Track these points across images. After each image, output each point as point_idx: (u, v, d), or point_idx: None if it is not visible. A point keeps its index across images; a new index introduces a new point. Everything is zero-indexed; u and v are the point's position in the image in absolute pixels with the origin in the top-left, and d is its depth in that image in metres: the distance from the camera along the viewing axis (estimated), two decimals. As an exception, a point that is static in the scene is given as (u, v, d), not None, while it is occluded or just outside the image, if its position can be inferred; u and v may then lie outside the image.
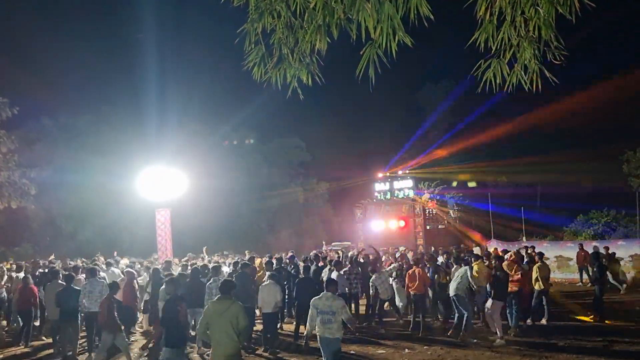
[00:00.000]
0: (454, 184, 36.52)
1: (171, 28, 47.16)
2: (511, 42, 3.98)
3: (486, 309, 10.59)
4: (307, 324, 7.36)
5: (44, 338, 11.99)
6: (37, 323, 12.38)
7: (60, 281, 10.51)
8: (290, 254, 16.56)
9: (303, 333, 10.83)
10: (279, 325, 11.80)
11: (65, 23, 42.36)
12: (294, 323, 11.29)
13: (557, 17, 3.82)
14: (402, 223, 26.88)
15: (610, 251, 16.55)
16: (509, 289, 10.82)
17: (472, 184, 35.94)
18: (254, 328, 11.52)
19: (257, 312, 11.00)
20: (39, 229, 28.39)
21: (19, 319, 11.76)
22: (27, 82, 27.63)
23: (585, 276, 17.82)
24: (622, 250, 18.04)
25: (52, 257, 16.84)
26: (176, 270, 12.78)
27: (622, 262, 17.69)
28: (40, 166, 26.61)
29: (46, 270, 13.25)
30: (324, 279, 12.26)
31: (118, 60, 39.78)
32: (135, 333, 12.24)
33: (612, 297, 14.69)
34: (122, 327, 9.15)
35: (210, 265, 12.65)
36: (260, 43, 4.36)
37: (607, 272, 14.22)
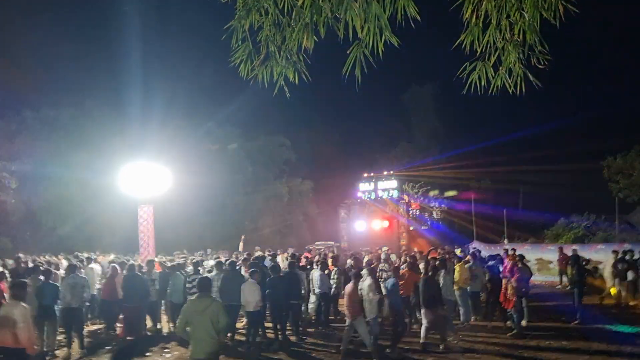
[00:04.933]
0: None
1: (157, 22, 46.66)
2: (496, 45, 4.02)
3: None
4: None
5: None
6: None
7: (40, 277, 10.36)
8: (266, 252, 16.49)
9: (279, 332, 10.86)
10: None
11: (48, 15, 41.56)
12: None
13: (542, 22, 3.86)
14: (385, 224, 26.94)
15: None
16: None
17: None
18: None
19: None
20: (19, 223, 27.87)
21: None
22: (8, 73, 27.08)
23: (565, 279, 18.01)
24: (602, 254, 18.27)
25: (61, 255, 16.57)
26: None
27: (600, 267, 17.93)
28: (21, 159, 26.25)
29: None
30: (313, 278, 12.34)
31: (102, 53, 39.18)
32: (117, 329, 12.10)
33: (591, 300, 14.90)
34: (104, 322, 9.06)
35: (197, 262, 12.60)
36: (247, 40, 4.33)
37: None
